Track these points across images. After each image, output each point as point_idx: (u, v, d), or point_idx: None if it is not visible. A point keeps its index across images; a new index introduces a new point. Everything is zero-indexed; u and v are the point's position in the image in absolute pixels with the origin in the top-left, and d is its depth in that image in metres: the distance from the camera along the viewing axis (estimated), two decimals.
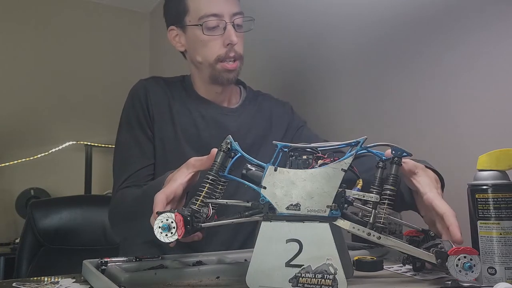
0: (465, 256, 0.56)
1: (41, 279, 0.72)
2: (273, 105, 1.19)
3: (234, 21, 1.04)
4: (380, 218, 0.60)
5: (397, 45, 1.24)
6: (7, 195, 2.62)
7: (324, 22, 1.51)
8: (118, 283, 0.61)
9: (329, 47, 1.49)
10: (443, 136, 1.09)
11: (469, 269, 0.55)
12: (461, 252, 0.56)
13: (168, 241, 0.61)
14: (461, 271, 0.56)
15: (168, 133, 1.06)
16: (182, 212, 0.62)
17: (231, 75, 1.06)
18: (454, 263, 0.56)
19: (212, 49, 1.04)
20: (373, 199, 0.60)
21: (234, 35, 1.02)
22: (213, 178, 0.65)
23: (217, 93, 1.11)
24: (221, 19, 1.03)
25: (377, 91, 1.30)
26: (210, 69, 1.06)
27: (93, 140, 2.76)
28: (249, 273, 0.60)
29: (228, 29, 1.03)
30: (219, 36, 1.03)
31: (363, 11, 1.35)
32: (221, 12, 1.02)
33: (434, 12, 1.13)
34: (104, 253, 0.90)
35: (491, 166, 0.63)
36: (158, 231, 0.61)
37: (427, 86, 1.14)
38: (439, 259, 0.57)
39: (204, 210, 0.65)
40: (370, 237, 0.59)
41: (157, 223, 0.61)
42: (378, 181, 0.61)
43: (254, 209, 0.64)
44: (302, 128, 1.17)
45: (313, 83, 1.56)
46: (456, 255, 0.56)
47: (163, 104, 1.08)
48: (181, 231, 0.60)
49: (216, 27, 1.03)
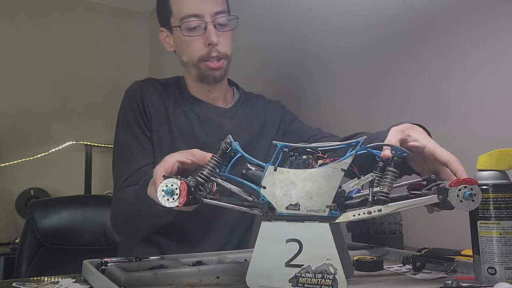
0: (466, 186, 0.56)
1: (41, 279, 0.72)
2: (266, 104, 1.21)
3: (216, 20, 1.04)
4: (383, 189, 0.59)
5: (396, 45, 1.24)
6: (7, 195, 2.62)
7: (322, 22, 1.51)
8: (118, 283, 0.61)
9: (327, 47, 1.49)
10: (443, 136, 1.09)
11: (469, 197, 0.55)
12: (462, 182, 0.56)
13: (168, 206, 0.61)
14: (462, 201, 0.56)
15: (165, 133, 1.07)
16: (188, 181, 0.62)
17: (217, 73, 1.07)
18: (455, 194, 0.56)
19: (194, 50, 1.06)
20: (368, 179, 0.60)
21: (214, 35, 1.03)
22: (217, 160, 0.65)
23: (208, 91, 1.12)
24: (201, 19, 1.04)
25: (376, 91, 1.30)
26: (196, 69, 1.08)
27: (93, 140, 2.76)
28: (249, 273, 0.60)
29: (208, 29, 1.04)
30: (201, 36, 1.05)
31: (361, 12, 1.35)
32: (201, 12, 1.03)
33: (434, 12, 1.13)
34: (104, 253, 0.90)
35: (491, 166, 0.63)
36: (161, 194, 0.61)
37: (427, 86, 1.14)
38: (441, 195, 0.57)
39: (209, 185, 0.65)
40: (372, 215, 0.59)
41: (161, 186, 0.61)
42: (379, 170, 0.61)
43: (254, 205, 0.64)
44: (293, 122, 1.19)
45: (310, 83, 1.56)
46: (456, 186, 0.56)
47: (159, 105, 1.09)
48: (183, 199, 0.61)
49: (197, 27, 1.04)
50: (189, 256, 0.82)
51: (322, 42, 1.52)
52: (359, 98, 1.37)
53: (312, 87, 1.56)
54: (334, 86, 1.47)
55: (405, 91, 1.20)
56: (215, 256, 0.82)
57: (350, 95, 1.40)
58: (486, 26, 1.00)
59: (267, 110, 1.19)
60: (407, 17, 1.21)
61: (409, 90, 1.19)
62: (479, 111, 1.01)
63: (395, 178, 0.61)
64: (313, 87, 1.56)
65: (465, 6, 1.05)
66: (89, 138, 2.76)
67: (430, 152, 0.68)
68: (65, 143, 2.77)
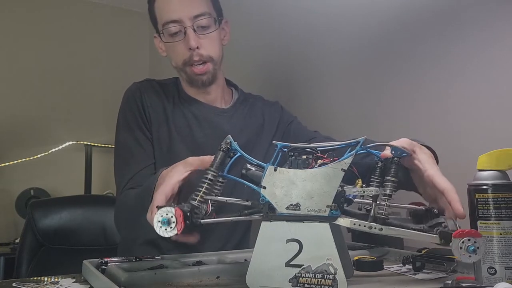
0: (469, 239, 0.56)
1: (41, 279, 0.72)
2: (264, 105, 1.21)
3: (195, 23, 1.04)
4: (382, 210, 0.59)
5: (396, 45, 1.24)
6: (7, 195, 2.61)
7: (320, 22, 1.51)
8: (118, 283, 0.61)
9: (326, 47, 1.49)
10: (443, 136, 1.09)
11: (472, 252, 0.55)
12: (466, 235, 0.56)
13: (167, 235, 0.61)
14: (464, 253, 0.56)
15: (164, 134, 1.08)
16: (182, 207, 0.62)
17: (203, 78, 1.08)
18: (458, 246, 0.56)
19: (177, 55, 1.07)
20: (373, 192, 0.60)
21: (193, 39, 1.03)
22: (213, 175, 0.65)
23: (204, 93, 1.13)
24: (180, 24, 1.04)
25: (375, 91, 1.30)
26: (184, 73, 1.10)
27: (93, 140, 2.76)
28: (249, 273, 0.60)
29: (188, 33, 1.04)
30: (182, 41, 1.05)
31: (360, 11, 1.35)
32: (179, 18, 1.04)
33: (433, 12, 1.13)
34: (104, 253, 0.90)
35: (491, 166, 0.63)
36: (158, 225, 0.61)
37: (427, 86, 1.14)
38: (443, 240, 0.57)
39: (203, 207, 0.65)
40: (372, 230, 0.59)
41: (157, 217, 0.61)
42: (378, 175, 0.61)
43: (253, 208, 0.64)
44: (292, 122, 1.20)
45: (309, 84, 1.56)
46: (460, 238, 0.56)
47: (158, 105, 1.10)
48: (181, 226, 0.60)
49: (178, 32, 1.05)
50: (189, 256, 0.82)
51: (321, 42, 1.52)
52: (358, 98, 1.37)
53: (312, 87, 1.56)
54: (334, 86, 1.46)
55: (405, 91, 1.20)
56: (215, 256, 0.82)
57: (349, 95, 1.40)
58: (487, 26, 1.00)
59: (265, 110, 1.19)
60: (407, 17, 1.21)
61: (409, 90, 1.19)
62: (479, 111, 1.01)
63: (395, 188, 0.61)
64: (312, 87, 1.56)
65: (465, 6, 1.05)
66: (89, 138, 2.76)
67: (429, 178, 0.68)
68: (65, 143, 2.76)
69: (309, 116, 1.53)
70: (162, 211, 0.61)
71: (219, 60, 1.11)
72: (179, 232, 0.60)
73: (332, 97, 1.46)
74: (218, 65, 1.11)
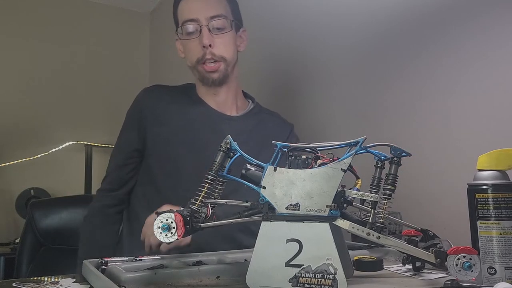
0: (465, 256, 0.56)
1: (41, 279, 0.72)
2: (274, 125, 1.21)
3: (211, 24, 1.09)
4: (380, 218, 0.60)
5: (396, 45, 1.24)
6: (7, 195, 2.61)
7: (321, 22, 1.51)
8: (118, 283, 0.61)
9: (326, 47, 1.49)
10: (442, 136, 1.09)
11: (468, 268, 0.55)
12: (461, 251, 0.56)
13: (168, 241, 0.60)
14: (460, 270, 0.56)
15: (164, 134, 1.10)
16: (181, 212, 0.61)
17: (214, 76, 1.12)
18: (453, 263, 0.56)
19: (192, 52, 1.12)
20: (373, 198, 0.60)
21: (207, 38, 1.08)
22: (212, 178, 0.65)
23: (214, 95, 1.16)
24: (196, 23, 1.10)
25: (375, 91, 1.30)
26: (196, 71, 1.14)
27: (93, 140, 2.76)
28: (249, 273, 0.60)
29: (202, 32, 1.09)
30: (197, 39, 1.10)
31: (361, 11, 1.35)
32: (196, 17, 1.10)
33: (433, 12, 1.13)
34: None
35: (491, 166, 0.63)
36: (158, 231, 0.61)
37: (426, 86, 1.14)
38: (439, 259, 0.57)
39: (203, 210, 0.65)
40: (369, 237, 0.59)
41: (156, 223, 0.61)
42: (377, 180, 0.61)
43: (253, 209, 0.64)
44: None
45: (309, 83, 1.56)
46: (455, 255, 0.56)
47: (159, 107, 1.13)
48: (181, 231, 0.60)
49: (194, 31, 1.10)
50: (189, 256, 0.81)
51: (321, 42, 1.52)
52: (358, 98, 1.37)
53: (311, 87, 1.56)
54: (333, 86, 1.46)
55: (405, 91, 1.20)
56: (215, 256, 0.82)
57: (349, 95, 1.40)
58: (487, 26, 1.00)
59: (272, 131, 1.18)
60: (407, 17, 1.21)
61: (409, 90, 1.19)
62: (479, 111, 1.01)
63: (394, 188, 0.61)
64: (311, 87, 1.56)
65: (465, 6, 1.05)
66: (89, 138, 2.76)
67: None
68: (65, 143, 2.76)
69: (309, 116, 1.53)
70: (162, 217, 0.61)
71: (232, 62, 1.14)
72: (179, 237, 0.60)
73: (332, 97, 1.46)
74: (231, 68, 1.14)
